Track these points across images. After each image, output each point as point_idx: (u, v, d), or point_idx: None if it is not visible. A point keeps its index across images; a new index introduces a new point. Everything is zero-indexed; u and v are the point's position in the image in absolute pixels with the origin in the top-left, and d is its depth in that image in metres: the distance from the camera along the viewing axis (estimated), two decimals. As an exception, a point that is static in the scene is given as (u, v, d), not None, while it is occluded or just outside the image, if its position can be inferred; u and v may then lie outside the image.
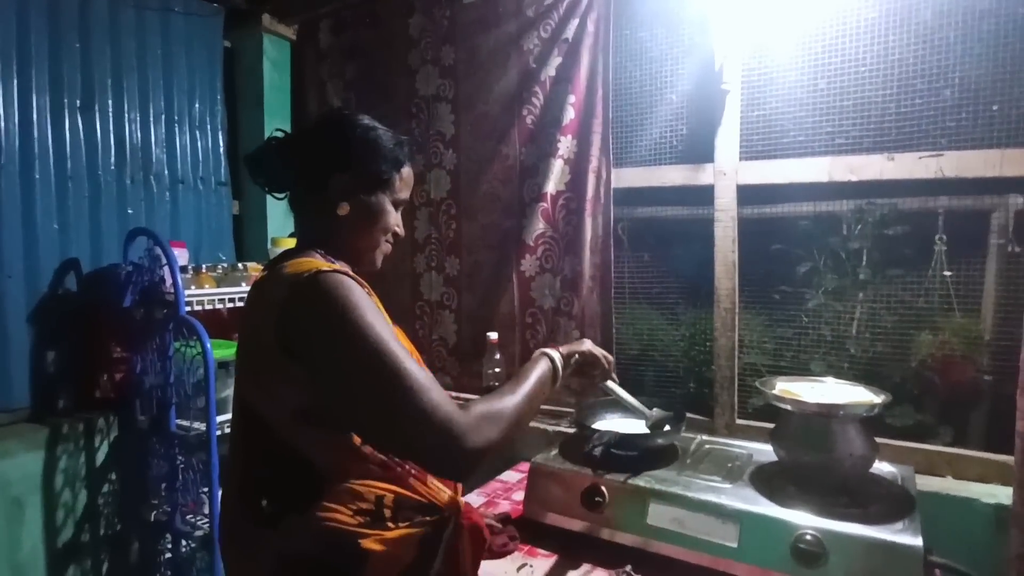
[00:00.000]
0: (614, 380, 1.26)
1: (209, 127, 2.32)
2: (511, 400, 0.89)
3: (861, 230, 1.74)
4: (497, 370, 1.98)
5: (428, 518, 0.91)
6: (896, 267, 1.68)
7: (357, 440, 0.88)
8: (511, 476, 1.69)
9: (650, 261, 2.06)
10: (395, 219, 1.04)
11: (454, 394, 2.09)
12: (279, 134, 1.02)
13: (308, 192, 1.00)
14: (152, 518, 1.89)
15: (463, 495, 1.03)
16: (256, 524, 0.89)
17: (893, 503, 1.18)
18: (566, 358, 1.09)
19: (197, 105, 2.28)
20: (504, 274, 2.04)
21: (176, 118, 2.21)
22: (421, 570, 0.89)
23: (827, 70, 1.63)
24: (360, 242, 1.02)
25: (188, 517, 1.84)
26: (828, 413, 1.20)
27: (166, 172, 2.19)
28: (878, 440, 1.27)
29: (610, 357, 1.20)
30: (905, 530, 1.06)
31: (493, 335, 1.96)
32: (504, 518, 1.41)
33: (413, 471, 0.93)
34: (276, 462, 0.90)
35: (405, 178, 1.04)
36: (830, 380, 1.37)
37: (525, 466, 1.46)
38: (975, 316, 1.60)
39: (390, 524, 0.88)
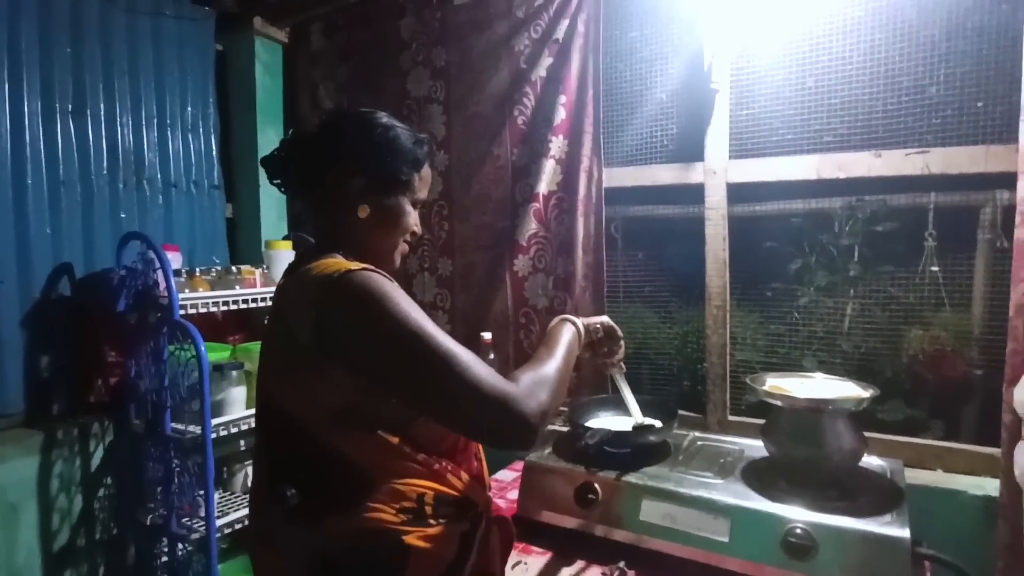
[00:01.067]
0: (622, 370, 1.30)
1: (201, 130, 2.32)
2: (552, 365, 0.92)
3: (852, 227, 1.75)
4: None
5: (467, 514, 0.93)
6: (887, 263, 1.70)
7: (395, 439, 0.88)
8: (506, 475, 1.70)
9: (643, 260, 2.07)
10: (414, 219, 1.03)
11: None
12: (292, 135, 1.01)
13: (326, 193, 0.99)
14: (148, 521, 1.89)
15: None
16: (288, 520, 0.89)
17: (882, 496, 1.19)
18: (587, 327, 1.13)
19: (189, 109, 2.28)
20: (497, 274, 2.05)
21: (168, 122, 2.21)
22: (460, 565, 0.91)
23: (814, 69, 1.65)
24: (380, 244, 1.01)
25: (184, 520, 1.84)
26: (817, 408, 1.22)
27: (159, 176, 2.19)
28: (869, 435, 1.28)
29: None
30: (893, 522, 1.07)
31: (487, 335, 1.96)
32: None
33: (450, 468, 0.94)
34: (312, 462, 0.90)
35: (424, 177, 1.03)
36: (819, 376, 1.38)
37: (519, 465, 1.47)
38: (965, 311, 1.61)
39: (431, 521, 0.89)
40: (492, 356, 1.97)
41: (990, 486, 1.38)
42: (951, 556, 1.11)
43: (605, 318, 1.21)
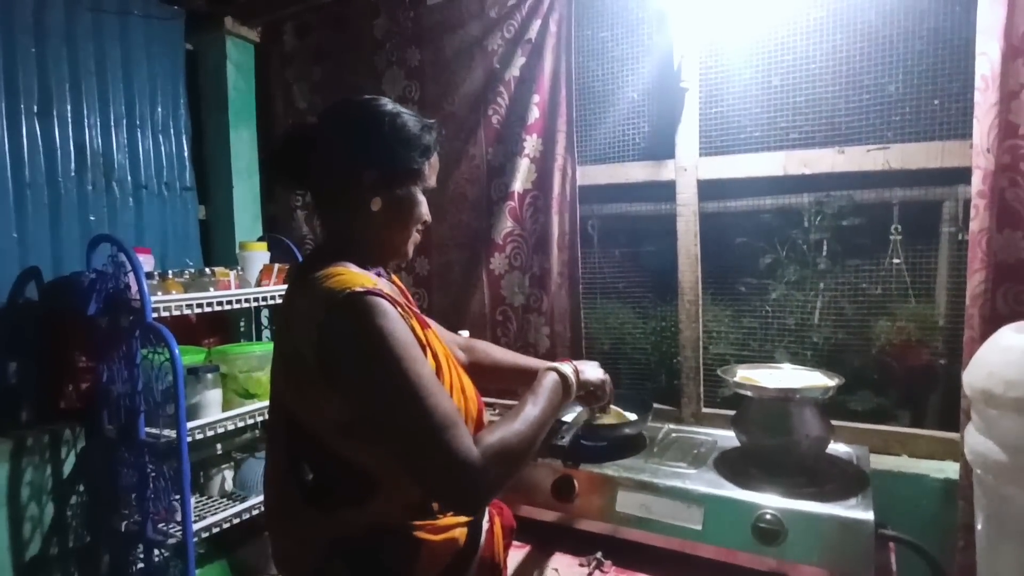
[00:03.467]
0: (605, 412, 1.28)
1: (172, 131, 2.29)
2: (528, 431, 0.89)
3: (820, 222, 1.80)
4: (469, 368, 2.00)
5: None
6: (854, 257, 1.75)
7: None
8: (485, 471, 1.71)
9: (619, 257, 2.10)
10: (426, 208, 1.01)
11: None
12: (295, 129, 0.99)
13: (336, 188, 0.96)
14: (123, 528, 1.86)
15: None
16: (305, 507, 0.91)
17: (848, 481, 1.24)
18: (580, 383, 1.09)
19: (159, 109, 2.25)
20: (474, 273, 2.07)
21: (138, 123, 2.18)
22: (469, 555, 0.94)
23: (780, 68, 1.69)
24: (393, 236, 0.99)
25: (160, 526, 1.81)
26: (785, 397, 1.26)
27: (128, 178, 2.15)
28: (836, 423, 1.33)
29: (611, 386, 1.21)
30: (858, 506, 1.12)
31: (464, 333, 1.98)
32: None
33: None
34: (323, 464, 0.92)
35: (434, 164, 1.01)
36: (787, 366, 1.42)
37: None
38: (929, 302, 1.67)
39: (439, 515, 0.92)
40: (470, 354, 1.98)
41: (951, 469, 1.44)
42: (914, 537, 1.16)
43: (599, 374, 1.18)
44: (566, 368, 1.06)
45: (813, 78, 1.65)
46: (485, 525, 0.99)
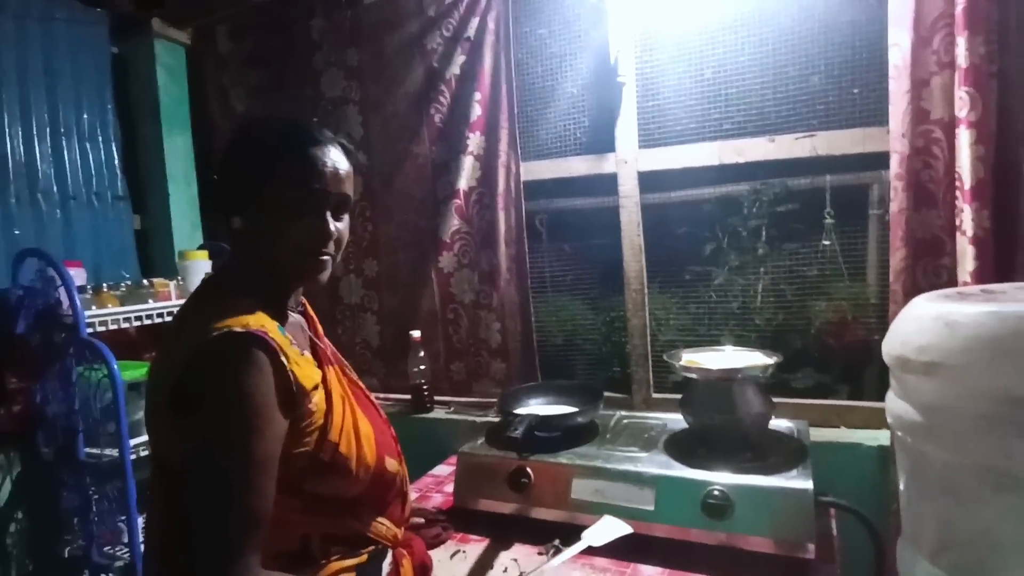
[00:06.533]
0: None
1: (101, 139, 2.19)
2: None
3: (758, 209, 1.87)
4: (422, 367, 1.99)
5: (364, 549, 0.92)
6: (791, 241, 1.82)
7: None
8: (443, 470, 1.71)
9: (569, 251, 2.13)
10: (328, 225, 0.89)
11: (381, 396, 2.10)
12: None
13: (229, 216, 0.91)
14: (66, 554, 1.78)
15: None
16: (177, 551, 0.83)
17: (789, 454, 1.29)
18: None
19: (86, 116, 2.15)
20: (423, 272, 2.06)
21: (63, 130, 2.08)
22: None
23: (711, 61, 1.75)
24: (291, 258, 0.89)
25: (106, 549, 1.75)
26: (728, 377, 1.30)
27: (55, 188, 2.05)
28: (778, 400, 1.38)
29: None
30: (798, 476, 1.17)
31: (416, 333, 1.98)
32: (436, 511, 1.43)
33: (347, 512, 0.91)
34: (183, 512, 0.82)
35: (325, 170, 0.88)
36: (729, 348, 1.48)
37: (455, 459, 1.48)
38: (861, 281, 1.76)
39: (322, 561, 0.87)
40: (422, 354, 1.98)
41: (883, 437, 1.52)
42: (851, 502, 1.22)
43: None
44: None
45: (743, 70, 1.72)
46: (386, 568, 0.94)
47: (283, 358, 0.81)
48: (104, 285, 1.81)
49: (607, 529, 1.16)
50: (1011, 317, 0.74)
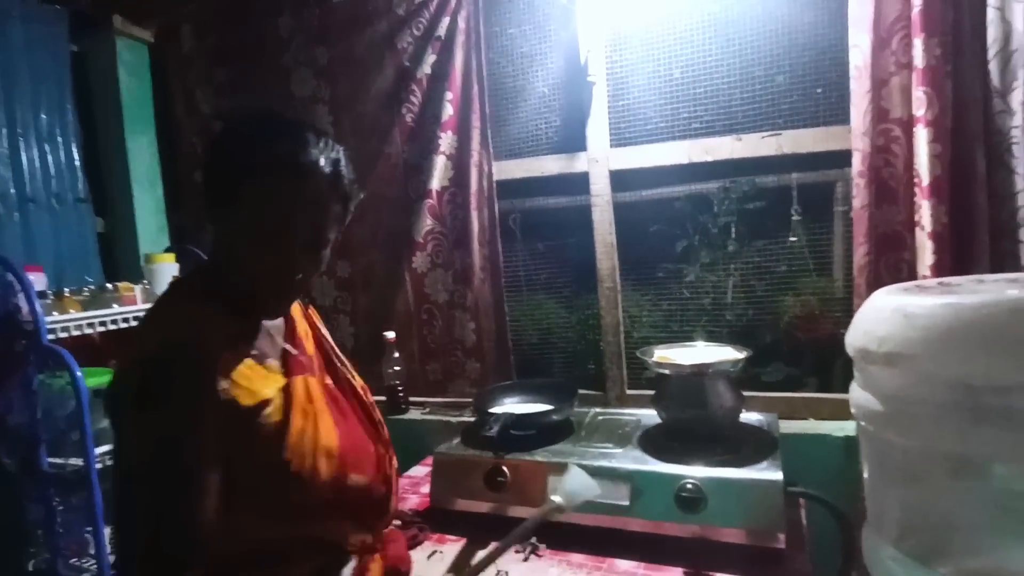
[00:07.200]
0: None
1: (60, 139, 2.13)
2: None
3: (728, 207, 1.90)
4: (396, 368, 1.98)
5: (324, 556, 0.90)
6: (760, 238, 1.86)
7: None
8: (419, 471, 1.70)
9: (543, 250, 2.14)
10: (293, 227, 0.85)
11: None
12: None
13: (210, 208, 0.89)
14: (31, 567, 1.73)
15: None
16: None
17: (759, 446, 1.32)
18: None
19: (44, 116, 2.09)
20: (397, 273, 2.05)
21: (20, 131, 2.01)
22: None
23: (680, 60, 1.77)
24: (246, 265, 0.87)
25: (72, 561, 1.70)
26: (699, 372, 1.33)
27: (12, 190, 1.99)
28: (748, 394, 1.41)
29: None
30: (768, 468, 1.19)
31: (390, 334, 1.97)
32: (413, 513, 1.42)
33: (306, 518, 0.89)
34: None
35: (304, 175, 0.86)
36: (700, 344, 1.50)
37: (431, 460, 1.48)
38: (828, 276, 1.81)
39: (279, 567, 0.86)
40: (397, 355, 1.97)
41: (850, 427, 1.56)
42: (820, 492, 1.25)
43: None
44: None
45: (710, 70, 1.75)
46: (347, 573, 0.91)
47: (211, 376, 0.79)
48: (66, 290, 1.76)
49: (576, 488, 1.12)
50: (966, 309, 0.77)
